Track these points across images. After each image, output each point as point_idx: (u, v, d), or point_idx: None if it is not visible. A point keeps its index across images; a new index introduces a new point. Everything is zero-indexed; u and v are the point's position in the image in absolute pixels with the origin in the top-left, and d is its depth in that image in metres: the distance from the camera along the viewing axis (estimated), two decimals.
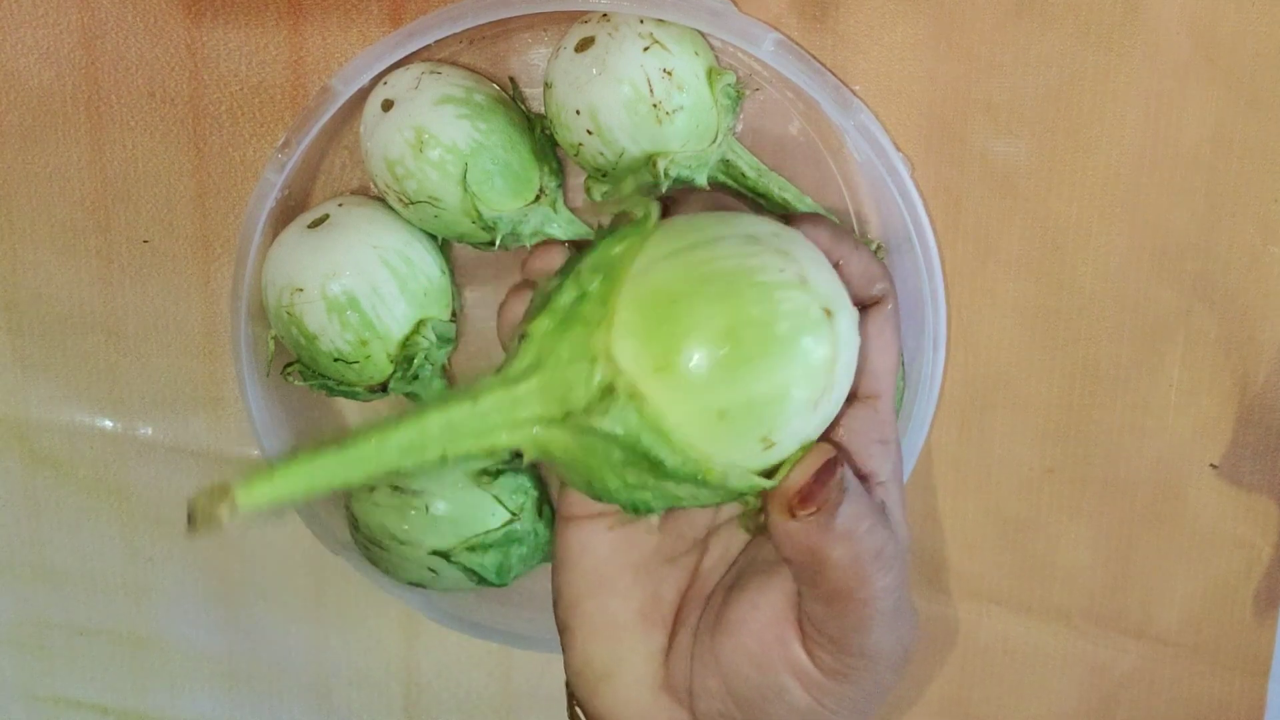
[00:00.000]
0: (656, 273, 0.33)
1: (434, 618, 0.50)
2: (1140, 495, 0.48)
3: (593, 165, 0.44)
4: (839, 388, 0.34)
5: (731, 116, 0.44)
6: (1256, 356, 0.46)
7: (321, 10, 0.46)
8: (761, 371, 0.32)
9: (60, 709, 0.57)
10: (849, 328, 0.34)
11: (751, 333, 0.32)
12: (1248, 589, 0.49)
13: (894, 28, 0.45)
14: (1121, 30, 0.44)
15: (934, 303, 0.45)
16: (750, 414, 0.32)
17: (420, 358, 0.45)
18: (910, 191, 0.44)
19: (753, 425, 0.32)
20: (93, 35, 0.48)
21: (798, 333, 0.33)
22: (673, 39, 0.42)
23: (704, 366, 0.32)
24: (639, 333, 0.33)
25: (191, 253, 0.50)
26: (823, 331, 0.33)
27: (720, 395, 0.32)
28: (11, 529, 0.54)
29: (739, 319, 0.32)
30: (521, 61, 0.46)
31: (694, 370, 0.32)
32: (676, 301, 0.32)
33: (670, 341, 0.32)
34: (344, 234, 0.44)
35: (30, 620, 0.56)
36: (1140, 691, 0.50)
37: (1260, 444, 0.47)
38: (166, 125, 0.48)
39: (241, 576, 0.54)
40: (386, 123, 0.44)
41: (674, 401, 0.32)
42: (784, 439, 0.33)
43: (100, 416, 0.52)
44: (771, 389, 0.32)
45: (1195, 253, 0.46)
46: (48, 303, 0.51)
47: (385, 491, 0.46)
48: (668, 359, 0.32)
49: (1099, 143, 0.45)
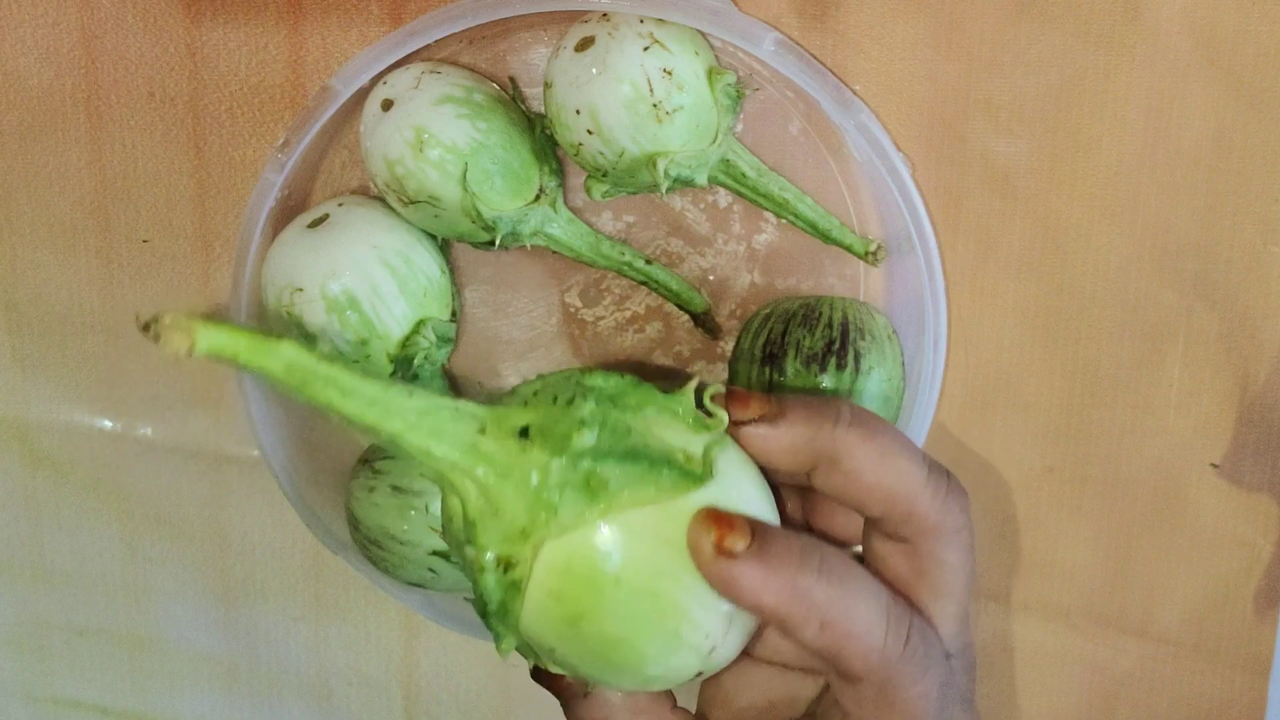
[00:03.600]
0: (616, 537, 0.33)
1: (434, 618, 0.50)
2: (1141, 495, 0.48)
3: (593, 165, 0.44)
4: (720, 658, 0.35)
5: (731, 116, 0.44)
6: (1257, 356, 0.46)
7: (321, 10, 0.46)
8: (615, 679, 0.34)
9: (60, 709, 0.57)
10: (735, 644, 0.35)
11: (626, 658, 0.34)
12: (1248, 588, 0.49)
13: (894, 28, 0.45)
14: (1122, 30, 0.44)
15: (934, 303, 0.45)
16: (599, 671, 0.34)
17: (420, 358, 0.45)
18: (910, 191, 0.44)
19: (603, 669, 0.34)
20: (92, 35, 0.48)
21: (663, 679, 0.34)
22: (673, 38, 0.42)
23: (576, 640, 0.34)
24: (561, 568, 0.33)
25: (191, 253, 0.50)
26: (690, 667, 0.34)
27: (572, 660, 0.34)
28: (11, 529, 0.54)
29: (627, 644, 0.33)
30: (521, 61, 0.46)
31: (571, 628, 0.33)
32: (602, 590, 0.33)
33: (575, 602, 0.33)
34: (344, 234, 0.44)
35: (30, 620, 0.56)
36: (1140, 691, 0.50)
37: (1260, 443, 0.47)
38: (166, 125, 0.48)
39: (241, 576, 0.54)
40: (386, 122, 0.44)
41: (538, 620, 0.33)
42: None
43: (100, 416, 0.52)
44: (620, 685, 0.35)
45: (1195, 253, 0.46)
46: (48, 303, 0.51)
47: (385, 491, 0.46)
48: (560, 602, 0.33)
49: (1099, 143, 0.45)
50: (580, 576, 0.33)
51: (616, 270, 0.47)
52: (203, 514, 0.53)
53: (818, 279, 0.48)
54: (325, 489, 0.50)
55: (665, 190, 0.43)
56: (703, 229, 0.48)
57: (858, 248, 0.46)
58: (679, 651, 0.34)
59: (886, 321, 0.46)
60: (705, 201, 0.47)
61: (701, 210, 0.48)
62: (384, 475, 0.46)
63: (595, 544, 0.33)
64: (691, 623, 0.33)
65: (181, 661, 0.56)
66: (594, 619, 0.33)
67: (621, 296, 0.49)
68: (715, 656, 0.35)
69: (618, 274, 0.48)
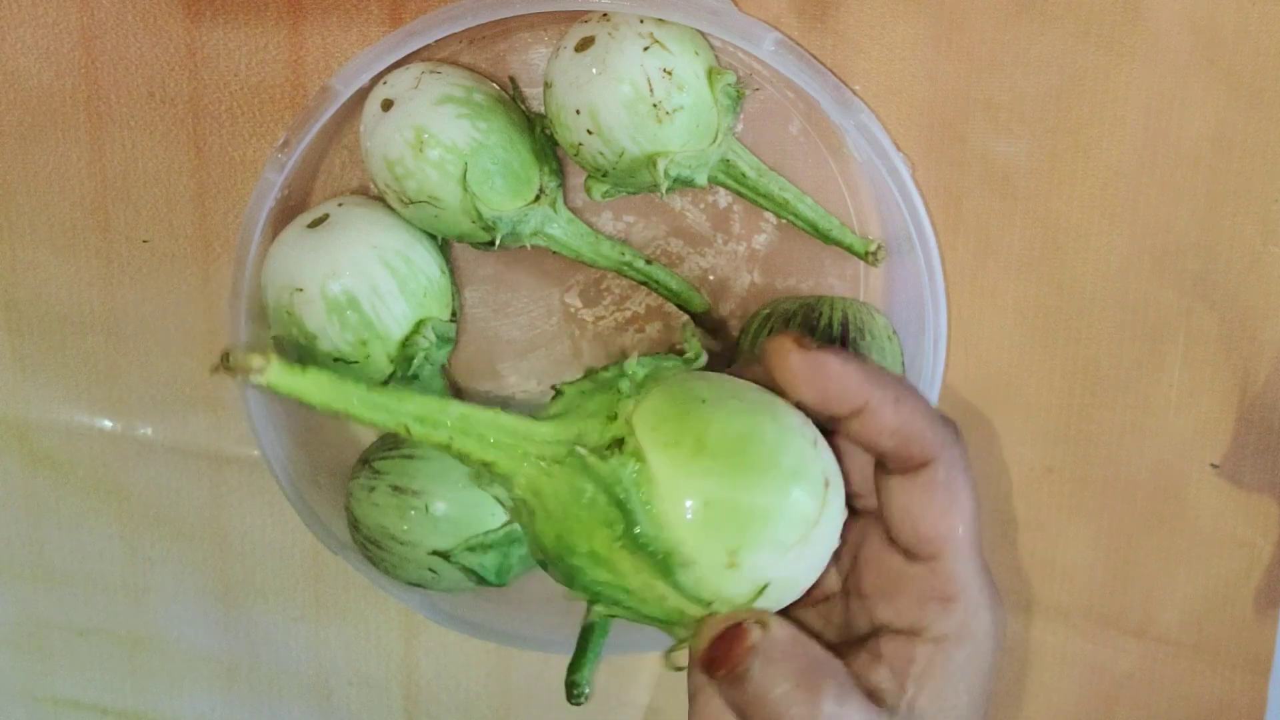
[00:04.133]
0: (692, 381, 0.36)
1: (434, 618, 0.50)
2: (1141, 495, 0.48)
3: (593, 165, 0.44)
4: (810, 558, 0.35)
5: (731, 116, 0.44)
6: (1257, 356, 0.46)
7: (321, 10, 0.46)
8: (756, 485, 0.34)
9: (60, 709, 0.57)
10: (838, 507, 0.36)
11: (759, 450, 0.34)
12: (1248, 588, 0.49)
13: (894, 28, 0.45)
14: (1122, 30, 0.44)
15: (934, 303, 0.45)
16: (729, 518, 0.34)
17: (420, 358, 0.45)
18: (910, 191, 0.44)
19: (728, 530, 0.34)
20: (92, 35, 0.48)
21: (797, 477, 0.34)
22: (673, 38, 0.42)
23: (707, 456, 0.34)
24: (662, 412, 0.35)
25: (191, 253, 0.50)
26: (817, 492, 0.35)
27: (711, 486, 0.34)
28: (11, 529, 0.54)
29: (753, 435, 0.34)
30: (521, 61, 0.46)
31: (698, 455, 0.34)
32: (705, 402, 0.35)
33: (686, 427, 0.34)
34: (343, 234, 0.44)
35: (30, 620, 0.56)
36: (1141, 691, 0.50)
37: (1260, 444, 0.47)
38: (166, 125, 0.48)
39: (241, 576, 0.54)
40: (386, 122, 0.44)
41: (670, 475, 0.34)
42: (748, 566, 0.34)
43: (100, 416, 0.52)
44: (758, 506, 0.34)
45: (1195, 253, 0.46)
46: (48, 303, 0.51)
47: (385, 491, 0.46)
48: (679, 438, 0.34)
49: (1099, 143, 0.45)
50: (680, 409, 0.34)
51: (616, 270, 0.47)
52: (203, 514, 0.53)
53: (818, 279, 0.48)
54: (325, 489, 0.50)
55: (665, 190, 0.43)
56: (703, 229, 0.48)
57: (858, 248, 0.46)
58: (795, 439, 0.35)
59: (886, 321, 0.46)
60: (705, 201, 0.47)
61: (701, 210, 0.48)
62: (384, 475, 0.46)
63: (676, 387, 0.35)
64: (791, 422, 0.35)
65: (181, 661, 0.56)
66: (711, 426, 0.34)
67: (621, 296, 0.49)
68: (830, 494, 0.35)
69: (618, 274, 0.48)
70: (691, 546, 0.34)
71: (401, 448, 0.47)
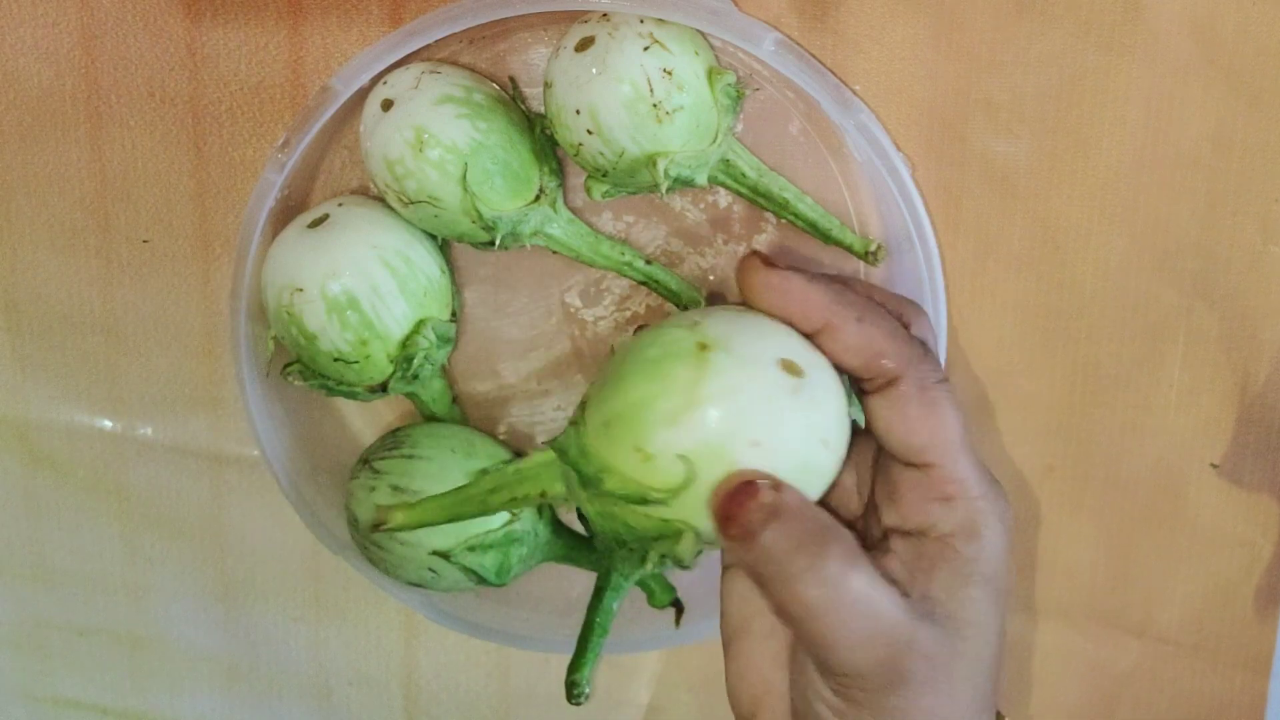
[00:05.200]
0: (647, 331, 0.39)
1: (433, 618, 0.50)
2: (1141, 494, 0.48)
3: (593, 165, 0.44)
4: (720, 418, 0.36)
5: (731, 116, 0.44)
6: (1257, 356, 0.46)
7: (321, 10, 0.46)
8: (626, 386, 0.37)
9: (60, 709, 0.57)
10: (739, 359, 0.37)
11: (632, 357, 0.37)
12: (1248, 587, 0.49)
13: (894, 27, 0.45)
14: (1122, 30, 0.44)
15: (934, 302, 0.45)
16: (620, 422, 0.37)
17: (420, 358, 0.45)
18: (910, 191, 0.44)
19: (625, 434, 0.36)
20: (92, 35, 0.48)
21: (665, 356, 0.37)
22: (673, 38, 0.42)
23: (608, 386, 0.37)
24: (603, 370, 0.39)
25: (191, 252, 0.50)
26: (687, 358, 0.37)
27: (605, 408, 0.37)
28: (11, 529, 0.54)
29: (633, 350, 0.38)
30: (521, 61, 0.46)
31: (603, 389, 0.38)
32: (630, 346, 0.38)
33: (607, 372, 0.38)
34: (343, 234, 0.44)
35: (30, 620, 0.56)
36: (1141, 690, 0.50)
37: (1260, 443, 0.47)
38: (166, 125, 0.48)
39: (241, 576, 0.54)
40: (386, 122, 0.44)
41: (590, 417, 0.38)
42: (657, 451, 0.36)
43: (100, 416, 0.52)
44: (633, 400, 0.36)
45: (1195, 252, 0.46)
46: (47, 302, 0.51)
47: (385, 491, 0.46)
48: (601, 384, 0.38)
49: (1099, 142, 0.45)
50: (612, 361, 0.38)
51: (616, 270, 0.47)
52: (203, 514, 0.53)
53: None
54: (325, 489, 0.50)
55: (665, 190, 0.43)
56: (703, 229, 0.48)
57: (858, 247, 0.46)
58: (670, 330, 0.37)
59: None
60: (705, 201, 0.47)
61: (701, 210, 0.48)
62: (384, 475, 0.46)
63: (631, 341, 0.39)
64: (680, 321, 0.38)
65: (181, 661, 0.56)
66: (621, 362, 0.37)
67: (621, 296, 0.49)
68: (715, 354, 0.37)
69: (618, 274, 0.48)
70: (615, 462, 0.36)
71: (401, 448, 0.47)
